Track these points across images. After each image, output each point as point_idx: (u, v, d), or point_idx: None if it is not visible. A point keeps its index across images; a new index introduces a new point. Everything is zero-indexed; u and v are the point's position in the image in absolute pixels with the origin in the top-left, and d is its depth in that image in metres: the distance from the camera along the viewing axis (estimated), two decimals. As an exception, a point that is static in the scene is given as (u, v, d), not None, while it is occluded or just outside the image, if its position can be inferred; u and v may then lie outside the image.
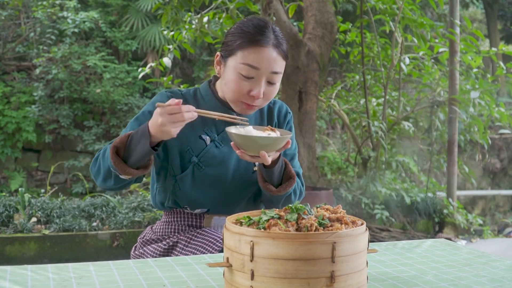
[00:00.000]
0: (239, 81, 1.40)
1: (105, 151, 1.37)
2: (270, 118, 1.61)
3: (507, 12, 11.60)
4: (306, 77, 4.53)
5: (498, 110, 5.31)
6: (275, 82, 1.44)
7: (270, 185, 1.45)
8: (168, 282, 1.07)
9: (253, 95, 1.40)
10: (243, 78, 1.40)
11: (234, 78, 1.41)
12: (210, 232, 1.49)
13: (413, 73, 5.58)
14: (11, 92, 6.70)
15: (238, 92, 1.41)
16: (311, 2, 4.70)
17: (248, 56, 1.39)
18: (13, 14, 7.11)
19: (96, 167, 1.41)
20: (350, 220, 1.00)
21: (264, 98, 1.44)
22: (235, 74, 1.41)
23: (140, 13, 7.45)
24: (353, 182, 5.62)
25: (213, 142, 1.49)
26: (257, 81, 1.40)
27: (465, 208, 6.48)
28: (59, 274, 1.12)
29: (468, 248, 1.43)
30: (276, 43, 1.41)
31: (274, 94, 1.46)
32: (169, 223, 1.57)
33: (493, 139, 8.35)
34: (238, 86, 1.41)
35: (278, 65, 1.42)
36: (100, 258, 4.03)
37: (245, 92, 1.41)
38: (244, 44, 1.39)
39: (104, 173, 1.38)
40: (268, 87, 1.43)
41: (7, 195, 4.88)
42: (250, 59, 1.39)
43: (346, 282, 0.91)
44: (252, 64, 1.38)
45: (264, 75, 1.40)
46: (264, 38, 1.39)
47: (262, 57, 1.39)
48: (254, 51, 1.39)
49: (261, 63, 1.39)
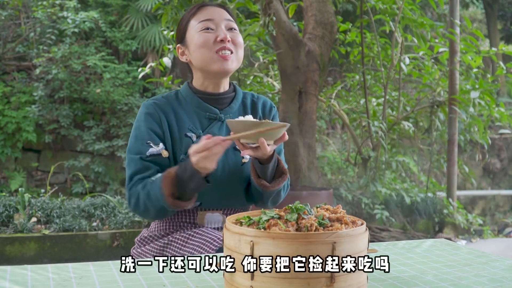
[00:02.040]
0: (204, 35, 1.51)
1: (148, 192, 1.43)
2: (254, 112, 1.64)
3: (507, 12, 11.59)
4: (306, 77, 4.53)
5: (498, 110, 5.31)
6: (234, 27, 1.55)
7: (264, 181, 1.48)
8: (168, 282, 1.07)
9: (221, 38, 1.50)
10: (206, 31, 1.52)
11: (198, 37, 1.52)
12: (207, 231, 1.49)
13: (413, 73, 5.58)
14: (11, 92, 6.70)
15: (207, 45, 1.51)
16: (311, 2, 4.70)
17: (200, 15, 1.54)
18: (13, 14, 7.11)
19: (144, 209, 1.47)
20: (350, 220, 1.00)
21: (235, 44, 1.53)
22: (197, 35, 1.52)
23: (140, 13, 7.45)
24: (353, 182, 5.62)
25: (199, 138, 1.52)
26: (217, 27, 1.53)
27: (465, 208, 6.48)
28: (59, 274, 1.12)
29: (468, 248, 1.43)
30: (218, 5, 1.59)
31: (240, 39, 1.56)
32: (164, 221, 1.58)
33: (493, 139, 8.35)
34: (205, 40, 1.51)
35: (226, 15, 1.56)
36: (100, 258, 4.03)
37: (213, 41, 1.51)
38: (192, 14, 1.56)
39: (156, 212, 1.46)
40: (231, 33, 1.54)
41: (7, 195, 4.88)
42: (202, 16, 1.54)
43: (346, 282, 0.91)
44: (206, 17, 1.53)
45: (220, 22, 1.53)
46: (204, 4, 1.58)
47: (211, 11, 1.55)
48: (202, 10, 1.56)
49: (212, 14, 1.54)
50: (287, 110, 4.48)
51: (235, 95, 1.63)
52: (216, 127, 1.56)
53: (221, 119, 1.56)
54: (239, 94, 1.64)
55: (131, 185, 1.48)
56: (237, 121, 1.28)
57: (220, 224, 1.56)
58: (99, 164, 6.55)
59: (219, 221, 1.56)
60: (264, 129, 1.26)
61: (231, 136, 1.32)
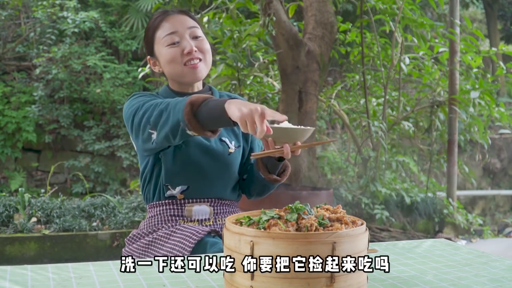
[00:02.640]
0: (170, 51, 1.55)
1: (175, 106, 1.33)
2: None
3: (507, 12, 11.59)
4: (306, 77, 4.52)
5: (498, 110, 5.31)
6: (198, 35, 1.59)
7: (275, 176, 1.55)
8: (168, 282, 1.07)
9: (187, 51, 1.54)
10: (172, 46, 1.55)
11: (166, 52, 1.56)
12: (187, 227, 1.52)
13: (413, 73, 5.58)
14: (11, 92, 6.70)
15: (175, 60, 1.55)
16: (311, 2, 4.70)
17: (163, 29, 1.57)
18: (13, 14, 7.10)
19: (163, 119, 1.36)
20: (350, 220, 1.00)
21: (202, 52, 1.57)
22: (164, 50, 1.56)
23: (140, 13, 7.45)
24: (353, 182, 5.62)
25: None
26: (181, 40, 1.56)
27: (465, 208, 6.48)
28: (59, 274, 1.12)
29: (468, 248, 1.43)
30: (179, 11, 1.61)
31: (206, 46, 1.59)
32: (153, 217, 1.61)
33: (493, 139, 8.34)
34: (172, 55, 1.55)
35: (189, 22, 1.59)
36: (100, 258, 4.03)
37: (180, 54, 1.55)
38: (155, 26, 1.59)
39: (171, 127, 1.34)
40: (196, 41, 1.58)
41: (7, 195, 4.88)
42: (166, 29, 1.57)
43: (346, 282, 0.91)
44: (170, 31, 1.56)
45: (184, 33, 1.57)
46: (166, 12, 1.61)
47: (173, 22, 1.57)
48: (165, 22, 1.58)
49: (176, 26, 1.57)
50: (287, 110, 4.48)
51: (211, 93, 1.68)
52: None
53: None
54: (215, 93, 1.69)
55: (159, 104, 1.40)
56: (276, 127, 1.25)
57: (207, 215, 1.58)
58: (99, 164, 6.55)
59: (206, 212, 1.58)
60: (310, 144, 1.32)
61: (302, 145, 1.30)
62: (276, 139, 1.29)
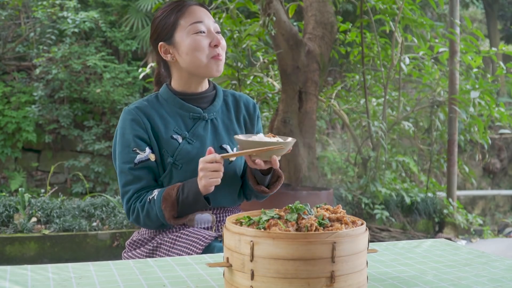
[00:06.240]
0: (198, 39, 1.51)
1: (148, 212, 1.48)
2: (237, 110, 1.66)
3: (507, 12, 11.59)
4: (306, 77, 4.52)
5: (498, 110, 5.31)
6: (219, 30, 1.57)
7: (263, 187, 1.55)
8: (168, 282, 1.07)
9: (215, 43, 1.52)
10: (200, 35, 1.51)
11: (192, 41, 1.51)
12: (193, 232, 1.50)
13: (413, 73, 5.58)
14: (11, 92, 6.70)
15: (202, 49, 1.51)
16: (311, 2, 4.70)
17: (190, 17, 1.52)
18: (13, 14, 7.10)
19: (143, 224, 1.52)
20: (350, 220, 1.00)
21: (223, 48, 1.56)
22: (191, 38, 1.51)
23: (140, 13, 7.45)
24: (353, 182, 5.62)
25: (185, 139, 1.53)
26: (208, 31, 1.53)
27: (465, 208, 6.48)
28: (59, 274, 1.12)
29: (468, 248, 1.43)
30: (198, 3, 1.58)
31: (225, 43, 1.58)
32: None
33: (493, 139, 8.34)
34: (200, 44, 1.51)
35: (212, 18, 1.58)
36: (100, 258, 4.03)
37: (207, 45, 1.52)
38: (179, 14, 1.53)
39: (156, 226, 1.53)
40: (219, 36, 1.55)
41: (7, 195, 4.88)
42: (193, 18, 1.52)
43: (346, 282, 0.91)
44: (197, 20, 1.52)
45: (209, 25, 1.54)
46: (188, 2, 1.56)
47: (198, 12, 1.54)
48: (190, 12, 1.53)
49: (202, 17, 1.54)
50: (287, 110, 4.48)
51: (216, 93, 1.63)
52: (201, 127, 1.56)
53: (205, 118, 1.56)
54: (220, 92, 1.64)
55: (128, 199, 1.51)
56: (248, 141, 1.34)
57: (210, 224, 1.56)
58: (99, 164, 6.55)
59: (209, 221, 1.56)
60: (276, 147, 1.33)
61: (242, 152, 1.37)
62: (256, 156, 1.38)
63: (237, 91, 1.78)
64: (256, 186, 1.54)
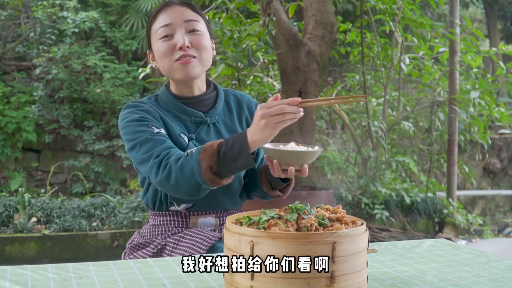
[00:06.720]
0: (162, 45, 1.45)
1: (182, 165, 1.30)
2: (239, 110, 1.61)
3: (507, 12, 11.59)
4: (306, 77, 4.52)
5: (498, 110, 5.31)
6: (195, 28, 1.46)
7: (279, 192, 1.52)
8: (168, 282, 1.07)
9: (179, 46, 1.43)
10: (164, 40, 1.44)
11: (158, 47, 1.46)
12: (197, 232, 1.48)
13: (413, 73, 5.58)
14: (11, 92, 6.70)
15: (167, 55, 1.44)
16: (311, 2, 4.70)
17: (159, 21, 1.47)
18: (13, 14, 7.11)
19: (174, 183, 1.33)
20: (350, 220, 1.00)
21: (197, 48, 1.46)
22: (157, 44, 1.46)
23: (140, 13, 7.45)
24: (353, 182, 5.62)
25: (191, 141, 1.49)
26: (175, 33, 1.45)
27: (465, 208, 6.48)
28: (59, 274, 1.12)
29: (468, 248, 1.43)
30: (180, 3, 1.49)
31: (204, 42, 1.47)
32: (156, 226, 1.55)
33: (493, 139, 8.34)
34: (164, 50, 1.44)
35: (188, 15, 1.47)
36: (100, 258, 4.03)
37: (172, 49, 1.44)
38: (153, 19, 1.49)
39: (188, 188, 1.33)
40: (193, 35, 1.46)
41: (7, 195, 4.88)
42: (161, 22, 1.46)
43: (346, 282, 0.91)
44: (164, 23, 1.45)
45: (178, 26, 1.45)
46: (167, 3, 1.48)
47: (169, 14, 1.46)
48: (161, 15, 1.47)
49: (171, 18, 1.45)
50: (287, 110, 4.48)
51: (217, 94, 1.58)
52: (203, 132, 1.52)
53: (207, 123, 1.51)
54: (221, 93, 1.59)
55: (156, 156, 1.35)
56: (288, 151, 1.25)
57: (213, 227, 1.53)
58: (99, 164, 6.55)
59: (212, 224, 1.53)
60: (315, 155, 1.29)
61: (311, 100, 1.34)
62: (282, 162, 1.27)
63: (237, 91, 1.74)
64: (272, 192, 1.51)
